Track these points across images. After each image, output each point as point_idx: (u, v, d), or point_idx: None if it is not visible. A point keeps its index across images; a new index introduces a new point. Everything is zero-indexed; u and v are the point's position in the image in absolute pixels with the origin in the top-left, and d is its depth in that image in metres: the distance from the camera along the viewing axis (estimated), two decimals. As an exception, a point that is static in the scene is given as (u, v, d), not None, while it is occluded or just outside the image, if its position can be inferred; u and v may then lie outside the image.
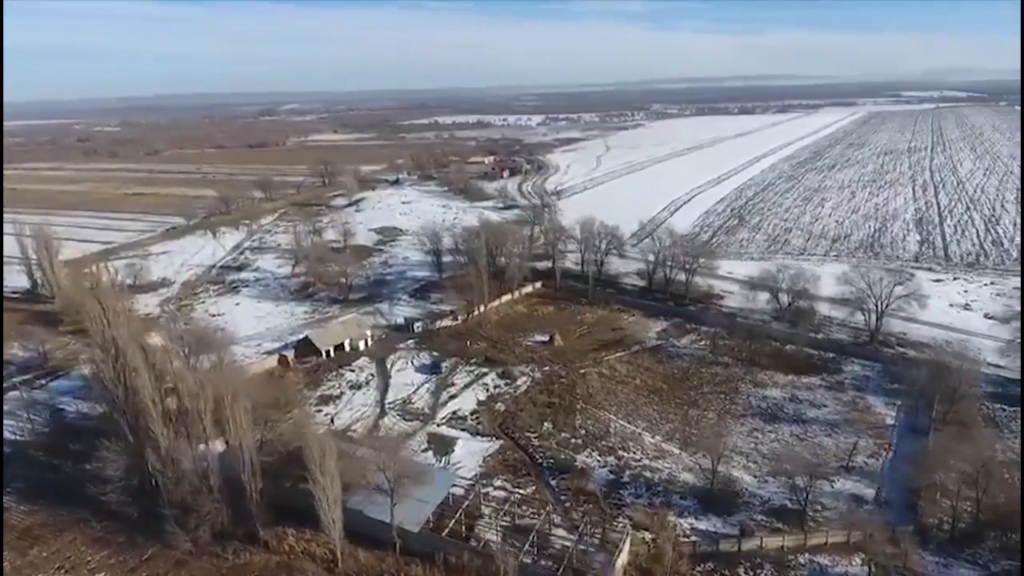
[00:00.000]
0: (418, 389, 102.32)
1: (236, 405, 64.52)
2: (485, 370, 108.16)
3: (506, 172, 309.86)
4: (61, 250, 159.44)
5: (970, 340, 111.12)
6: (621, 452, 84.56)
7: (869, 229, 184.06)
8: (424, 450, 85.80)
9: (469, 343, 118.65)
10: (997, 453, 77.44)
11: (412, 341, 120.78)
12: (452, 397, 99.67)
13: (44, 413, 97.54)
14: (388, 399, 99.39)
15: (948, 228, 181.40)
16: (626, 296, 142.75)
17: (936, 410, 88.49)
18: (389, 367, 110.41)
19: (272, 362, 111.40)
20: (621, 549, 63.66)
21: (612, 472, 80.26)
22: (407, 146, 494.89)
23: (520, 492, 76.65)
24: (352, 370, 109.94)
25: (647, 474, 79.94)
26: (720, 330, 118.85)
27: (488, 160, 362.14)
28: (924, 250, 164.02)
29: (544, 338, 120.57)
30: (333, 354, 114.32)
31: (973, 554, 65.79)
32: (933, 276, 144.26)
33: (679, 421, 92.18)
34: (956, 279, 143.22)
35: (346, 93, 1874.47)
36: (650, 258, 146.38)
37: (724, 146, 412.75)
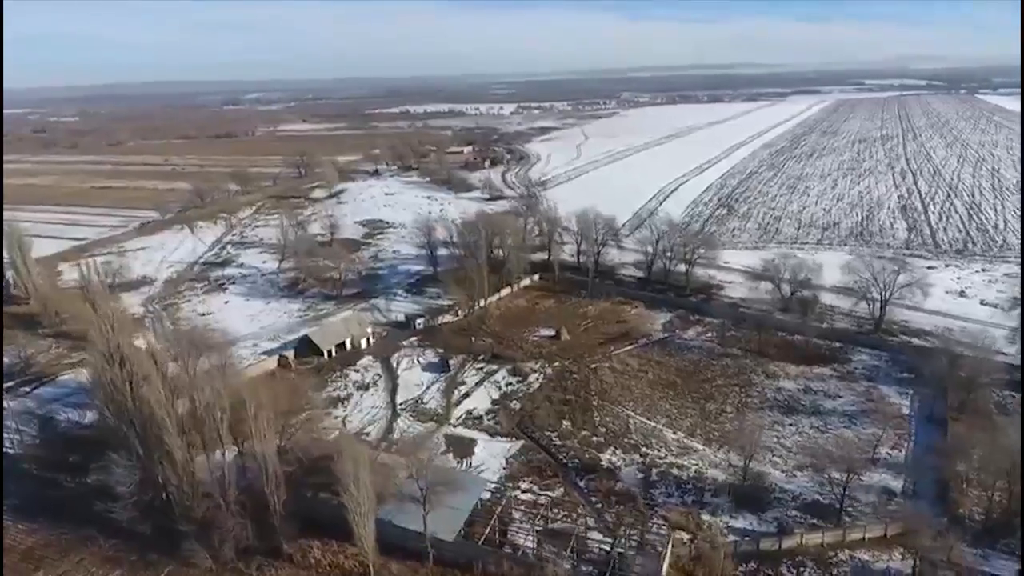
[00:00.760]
0: (428, 388, 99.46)
1: (260, 413, 61.02)
2: (494, 367, 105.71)
3: (487, 162, 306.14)
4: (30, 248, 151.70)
5: (970, 328, 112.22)
6: (645, 449, 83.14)
7: (857, 217, 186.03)
8: (443, 452, 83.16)
9: (474, 339, 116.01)
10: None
11: (415, 338, 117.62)
12: (464, 396, 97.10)
13: (33, 423, 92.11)
14: (399, 400, 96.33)
15: (933, 215, 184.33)
16: (626, 288, 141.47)
17: (950, 399, 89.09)
18: (395, 366, 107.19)
19: (271, 363, 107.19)
20: (665, 552, 62.13)
21: (639, 471, 78.76)
22: (381, 136, 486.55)
23: (549, 495, 74.70)
24: (356, 370, 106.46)
25: (675, 471, 78.66)
26: (726, 321, 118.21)
27: (467, 150, 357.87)
28: (913, 237, 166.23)
29: (550, 333, 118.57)
30: (335, 353, 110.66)
31: (1008, 544, 65.95)
32: (926, 264, 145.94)
33: (698, 415, 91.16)
34: (948, 266, 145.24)
35: (311, 81, 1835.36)
36: (648, 249, 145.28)
37: (701, 134, 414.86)
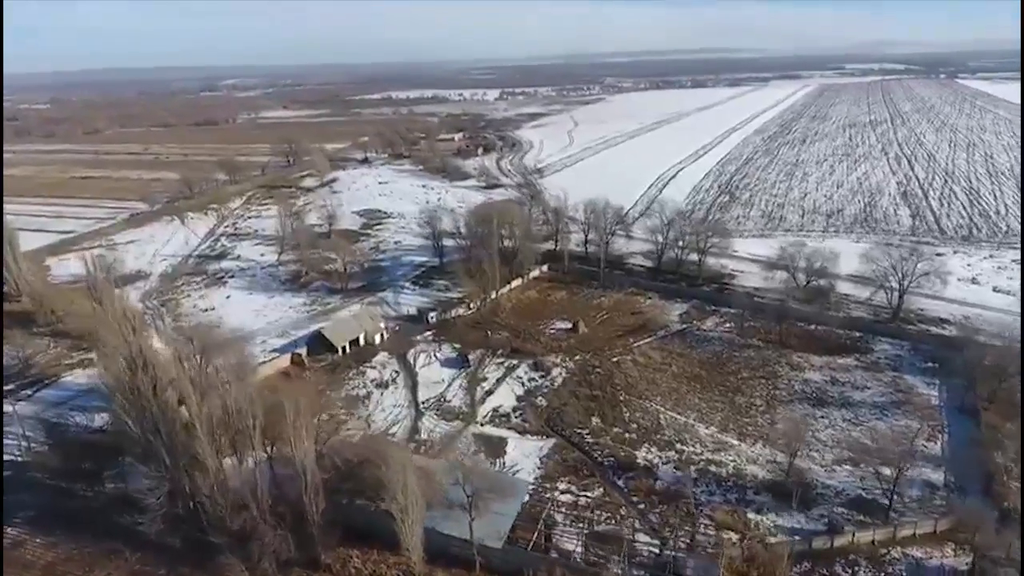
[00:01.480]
0: (449, 385, 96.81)
1: (300, 419, 58.04)
2: (514, 362, 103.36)
3: (480, 149, 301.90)
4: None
5: (987, 316, 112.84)
6: (679, 446, 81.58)
7: (859, 204, 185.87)
8: (474, 453, 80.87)
9: (490, 333, 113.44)
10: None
11: (429, 333, 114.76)
12: (488, 393, 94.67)
13: (39, 429, 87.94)
14: (420, 398, 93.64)
15: (934, 202, 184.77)
16: (637, 278, 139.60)
17: (980, 389, 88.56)
18: (412, 362, 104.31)
19: (284, 361, 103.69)
20: (721, 554, 60.57)
21: (677, 468, 77.17)
22: (365, 123, 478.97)
23: (589, 495, 72.81)
24: (373, 367, 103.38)
25: (713, 468, 77.20)
26: (745, 312, 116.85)
27: (457, 137, 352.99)
28: (918, 224, 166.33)
29: (567, 325, 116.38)
30: (348, 350, 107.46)
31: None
32: (934, 251, 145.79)
33: (728, 409, 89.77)
34: (956, 253, 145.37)
35: (288, 67, 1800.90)
36: (658, 238, 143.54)
37: (690, 120, 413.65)
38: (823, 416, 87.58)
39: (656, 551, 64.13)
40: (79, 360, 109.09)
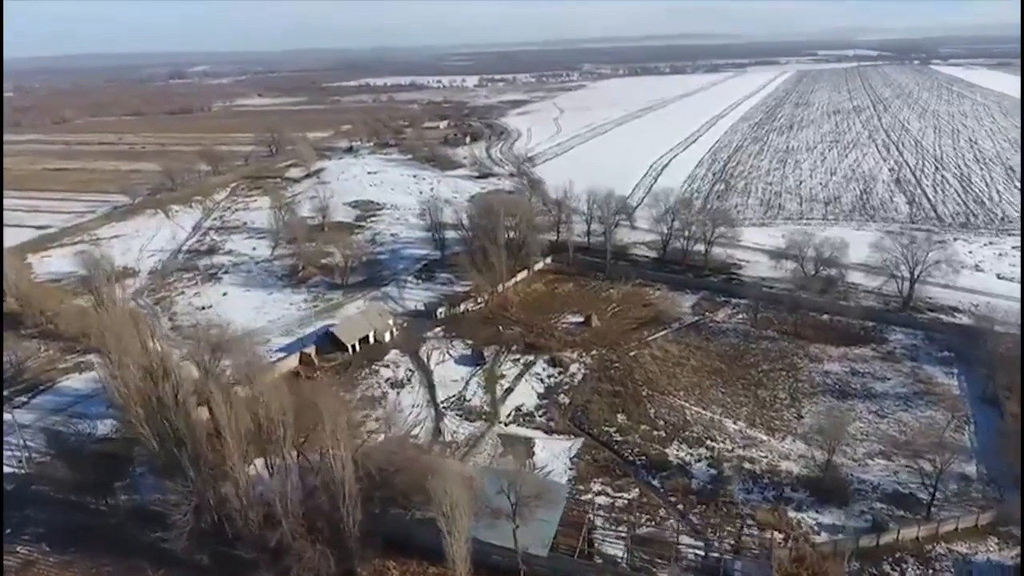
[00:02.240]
0: (467, 384, 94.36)
1: (339, 427, 55.21)
2: (531, 358, 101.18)
3: (468, 138, 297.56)
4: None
5: (995, 303, 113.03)
6: (709, 442, 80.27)
7: (855, 191, 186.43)
8: (501, 454, 78.74)
9: (502, 328, 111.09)
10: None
11: (439, 329, 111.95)
12: (508, 391, 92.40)
13: (39, 438, 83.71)
14: (439, 398, 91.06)
15: (928, 188, 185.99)
16: (642, 269, 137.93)
17: (999, 378, 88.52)
18: (426, 360, 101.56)
19: (293, 361, 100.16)
20: (774, 556, 59.31)
21: (711, 466, 75.87)
22: (345, 110, 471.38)
23: (626, 497, 71.15)
24: (386, 366, 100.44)
25: (746, 465, 75.96)
26: (758, 303, 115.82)
27: (442, 125, 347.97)
28: (915, 211, 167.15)
29: (579, 319, 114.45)
30: (358, 348, 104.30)
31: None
32: (936, 238, 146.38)
33: (753, 403, 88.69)
34: (956, 240, 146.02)
35: (259, 53, 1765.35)
36: (664, 228, 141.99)
37: (675, 107, 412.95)
38: (848, 408, 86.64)
39: (701, 553, 62.81)
40: (74, 363, 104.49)
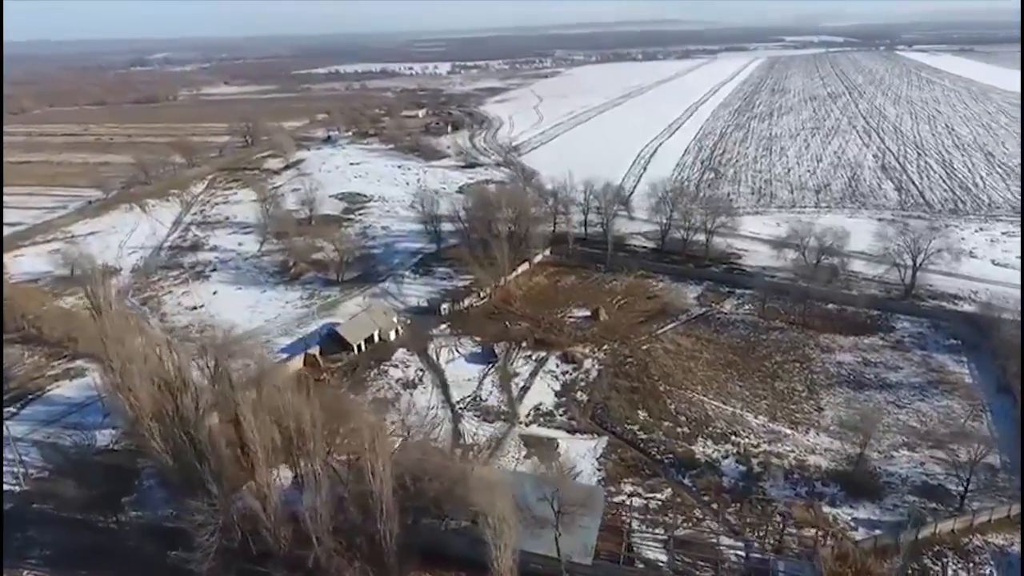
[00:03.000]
0: (482, 383, 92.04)
1: (380, 439, 52.55)
2: (543, 354, 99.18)
3: (450, 127, 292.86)
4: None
5: (993, 289, 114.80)
6: (734, 438, 79.40)
7: (843, 178, 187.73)
8: (526, 456, 76.79)
9: (509, 324, 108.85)
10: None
11: (444, 326, 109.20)
12: (524, 390, 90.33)
13: (33, 452, 79.30)
14: (454, 398, 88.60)
15: (914, 175, 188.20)
16: (642, 260, 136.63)
17: (1010, 366, 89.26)
18: (435, 359, 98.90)
19: (297, 363, 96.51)
20: (818, 554, 58.53)
21: (739, 462, 75.00)
22: (318, 99, 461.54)
23: (658, 497, 69.85)
24: (395, 365, 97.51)
25: (774, 461, 75.30)
26: (761, 293, 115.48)
27: (420, 114, 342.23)
28: (905, 198, 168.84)
29: (586, 313, 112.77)
30: (364, 348, 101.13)
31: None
32: (927, 225, 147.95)
33: (772, 397, 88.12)
34: (948, 226, 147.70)
35: (221, 40, 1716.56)
36: (662, 218, 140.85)
37: (653, 94, 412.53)
38: (865, 400, 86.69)
39: (742, 554, 61.86)
40: (63, 370, 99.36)
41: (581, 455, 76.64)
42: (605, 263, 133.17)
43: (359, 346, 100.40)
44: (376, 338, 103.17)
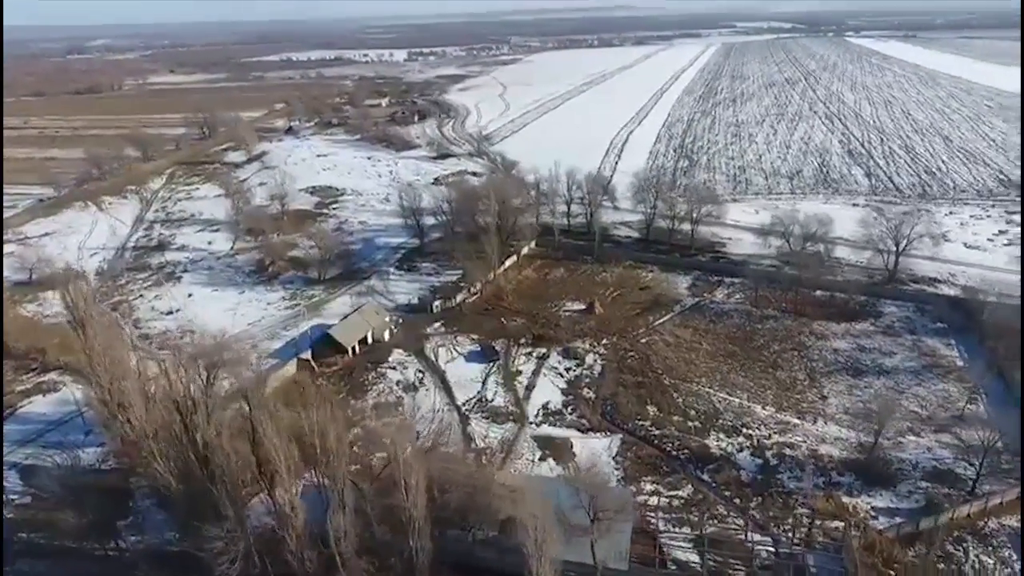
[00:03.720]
0: (485, 383, 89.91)
1: (416, 460, 49.99)
2: (543, 351, 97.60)
3: (416, 116, 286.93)
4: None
5: (970, 272, 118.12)
6: (745, 430, 79.43)
7: (813, 164, 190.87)
8: (541, 459, 75.20)
9: (504, 320, 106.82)
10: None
11: (438, 324, 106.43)
12: (529, 388, 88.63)
13: (12, 476, 73.88)
14: (459, 400, 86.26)
15: (880, 160, 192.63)
16: (628, 250, 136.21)
17: (1000, 347, 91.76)
18: (434, 359, 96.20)
19: (291, 368, 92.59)
20: (847, 545, 58.65)
21: (754, 455, 74.99)
22: (273, 88, 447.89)
23: (679, 495, 69.23)
24: (392, 367, 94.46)
25: (788, 452, 75.61)
26: (752, 282, 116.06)
27: (384, 103, 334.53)
28: (875, 183, 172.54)
29: (581, 306, 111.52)
30: (358, 350, 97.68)
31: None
32: (900, 209, 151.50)
33: (775, 386, 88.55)
34: (919, 211, 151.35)
35: (159, 26, 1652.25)
36: (647, 208, 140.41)
37: (616, 81, 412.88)
38: (865, 386, 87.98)
39: (772, 550, 61.70)
40: (34, 384, 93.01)
41: (596, 455, 75.36)
42: (593, 254, 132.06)
43: (353, 348, 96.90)
44: (370, 339, 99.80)
